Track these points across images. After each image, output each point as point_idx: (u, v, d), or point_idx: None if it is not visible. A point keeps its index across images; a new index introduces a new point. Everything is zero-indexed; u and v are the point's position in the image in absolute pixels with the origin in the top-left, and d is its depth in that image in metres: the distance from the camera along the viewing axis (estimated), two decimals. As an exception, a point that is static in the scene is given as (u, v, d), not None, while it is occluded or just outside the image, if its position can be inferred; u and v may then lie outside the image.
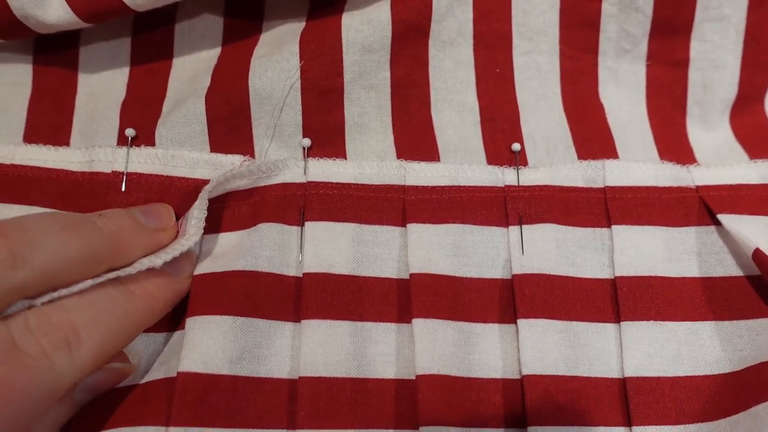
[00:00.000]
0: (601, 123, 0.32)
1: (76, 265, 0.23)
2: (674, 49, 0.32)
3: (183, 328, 0.27)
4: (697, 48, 0.32)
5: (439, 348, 0.26)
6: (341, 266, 0.28)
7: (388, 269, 0.28)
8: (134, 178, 0.29)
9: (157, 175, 0.29)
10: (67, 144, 0.30)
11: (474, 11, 0.32)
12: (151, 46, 0.32)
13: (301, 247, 0.28)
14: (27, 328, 0.21)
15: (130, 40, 0.32)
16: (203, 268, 0.28)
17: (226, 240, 0.28)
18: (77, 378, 0.22)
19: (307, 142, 0.30)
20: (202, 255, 0.28)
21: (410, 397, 0.26)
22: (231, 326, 0.26)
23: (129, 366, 0.26)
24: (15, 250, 0.22)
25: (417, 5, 0.31)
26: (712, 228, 0.29)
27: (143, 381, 0.26)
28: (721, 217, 0.29)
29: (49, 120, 0.31)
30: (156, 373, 0.26)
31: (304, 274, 0.28)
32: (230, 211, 0.29)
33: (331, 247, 0.28)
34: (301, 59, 0.30)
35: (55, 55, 0.32)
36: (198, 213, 0.27)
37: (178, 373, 0.25)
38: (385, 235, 0.29)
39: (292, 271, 0.28)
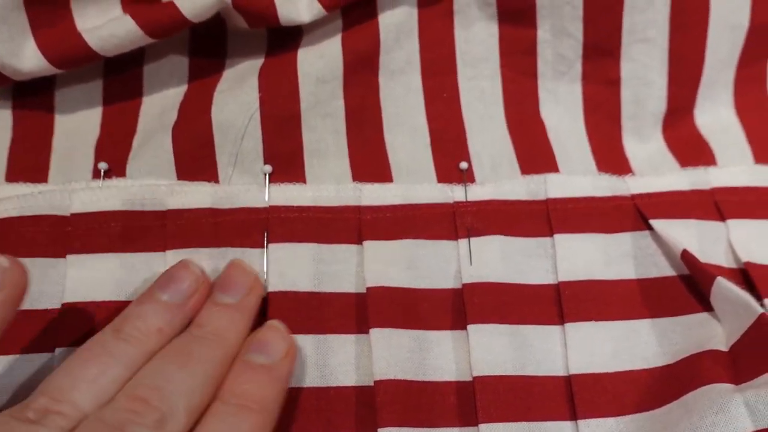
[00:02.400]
0: (543, 140, 0.34)
1: (210, 386, 0.25)
2: (606, 70, 0.34)
3: None
4: (627, 68, 0.34)
5: (395, 354, 0.28)
6: (303, 284, 0.30)
7: (347, 284, 0.30)
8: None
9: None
10: (45, 181, 0.32)
11: (420, 42, 0.34)
12: (122, 87, 0.34)
13: (266, 268, 0.30)
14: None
15: (102, 82, 0.35)
16: None
17: (192, 257, 0.30)
18: None
19: (268, 168, 0.32)
20: None
21: (370, 401, 0.28)
22: None
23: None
24: (163, 410, 0.23)
25: (366, 39, 0.33)
26: (647, 233, 0.32)
27: None
28: (653, 222, 0.31)
29: (29, 160, 0.33)
30: None
31: (269, 293, 0.30)
32: (194, 228, 0.31)
33: (293, 267, 0.30)
34: (260, 91, 0.32)
35: (32, 99, 0.34)
36: None
37: None
38: (343, 253, 0.31)
39: None
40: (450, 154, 0.34)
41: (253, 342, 0.27)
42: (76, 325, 0.29)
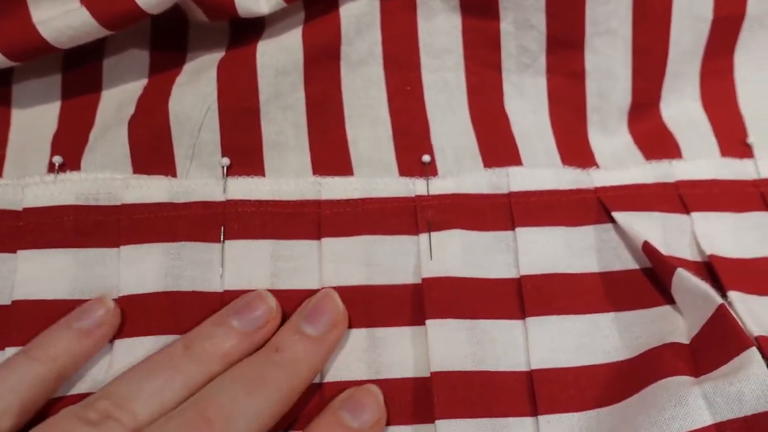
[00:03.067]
0: (506, 132, 0.34)
1: (276, 414, 0.25)
2: (570, 62, 0.34)
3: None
4: (591, 60, 0.34)
5: (348, 354, 0.28)
6: (260, 281, 0.29)
7: (306, 282, 0.30)
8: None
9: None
10: (0, 175, 0.32)
11: (382, 34, 0.34)
12: (81, 80, 0.34)
13: (221, 265, 0.30)
14: None
15: (61, 75, 0.34)
16: (128, 288, 0.29)
17: (146, 252, 0.29)
18: None
19: (225, 161, 0.32)
20: (122, 270, 0.29)
21: (324, 403, 0.27)
22: (155, 346, 0.28)
23: None
24: None
25: (327, 30, 0.33)
26: (610, 225, 0.31)
27: (71, 393, 0.27)
28: (615, 214, 0.31)
29: None
30: (79, 387, 0.27)
31: (224, 291, 0.29)
32: (149, 222, 0.30)
33: (250, 264, 0.30)
34: (218, 83, 0.32)
35: None
36: None
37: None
38: (302, 249, 0.30)
39: (215, 288, 0.29)
40: (412, 147, 0.33)
41: (349, 401, 0.26)
42: (27, 323, 0.28)
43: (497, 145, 0.33)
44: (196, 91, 0.32)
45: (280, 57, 0.32)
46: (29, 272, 0.29)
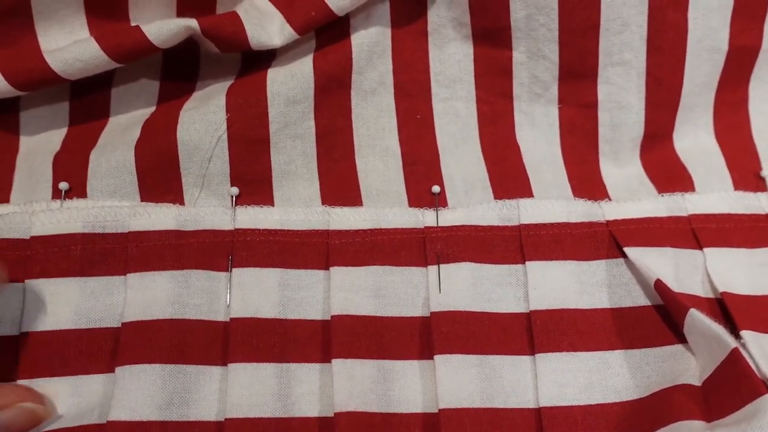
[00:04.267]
0: (517, 163, 0.34)
1: None
2: (583, 93, 0.34)
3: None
4: (603, 91, 0.34)
5: (357, 386, 0.27)
6: (267, 310, 0.29)
7: (313, 312, 0.29)
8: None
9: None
10: (8, 201, 0.32)
11: (393, 62, 0.34)
12: (89, 108, 0.34)
13: (228, 293, 0.29)
14: None
15: (68, 103, 0.34)
16: (132, 314, 0.29)
17: (152, 280, 0.29)
18: None
19: (234, 190, 0.31)
20: (129, 297, 0.29)
21: None
22: (160, 374, 0.28)
23: (43, 408, 0.27)
24: None
25: (338, 59, 0.33)
26: (621, 260, 0.31)
27: (75, 425, 0.27)
28: (627, 249, 0.31)
29: None
30: (89, 417, 0.27)
31: (231, 319, 0.29)
32: (156, 250, 0.30)
33: (257, 293, 0.29)
34: (227, 111, 0.31)
35: None
36: None
37: (108, 422, 0.26)
38: (310, 278, 0.30)
39: (220, 317, 0.29)
40: (422, 177, 0.33)
41: None
42: (36, 354, 0.28)
43: (508, 176, 0.33)
44: (204, 117, 0.32)
45: (291, 85, 0.32)
46: (36, 302, 0.29)
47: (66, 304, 0.29)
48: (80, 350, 0.28)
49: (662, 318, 0.30)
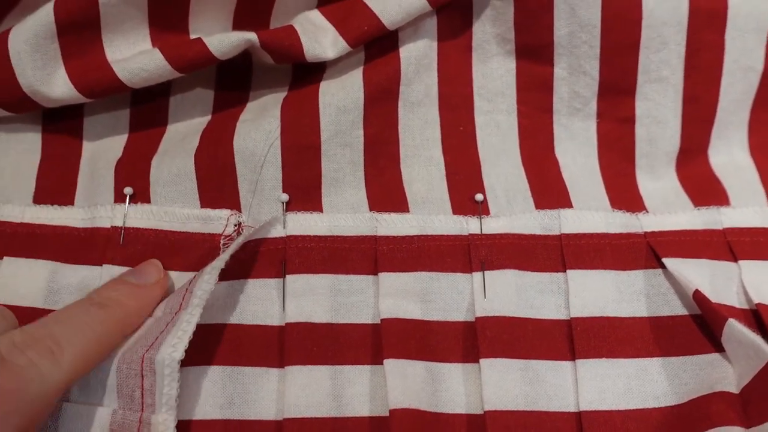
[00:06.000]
0: (557, 175, 0.35)
1: (105, 345, 0.27)
2: (621, 108, 0.35)
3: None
4: (641, 106, 0.35)
5: (409, 384, 0.28)
6: (320, 315, 0.30)
7: (363, 316, 0.31)
8: (131, 233, 0.32)
9: (152, 230, 0.32)
10: (72, 203, 0.33)
11: (439, 75, 0.35)
12: (148, 114, 0.35)
13: (283, 299, 0.31)
14: (13, 344, 0.25)
15: (129, 111, 0.35)
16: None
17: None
18: (64, 381, 0.25)
19: (285, 197, 0.33)
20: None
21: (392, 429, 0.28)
22: (220, 375, 0.29)
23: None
24: (53, 347, 0.25)
25: (387, 71, 0.34)
26: (659, 271, 0.32)
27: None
28: (666, 260, 0.32)
29: (56, 182, 0.33)
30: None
31: (286, 324, 0.30)
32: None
33: (310, 298, 0.31)
34: (281, 120, 0.33)
35: (61, 124, 0.35)
36: (202, 289, 0.28)
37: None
38: (360, 284, 0.31)
39: (275, 322, 0.30)
40: (465, 186, 0.34)
41: (131, 270, 0.30)
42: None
43: (548, 187, 0.34)
44: (259, 127, 0.33)
45: (341, 95, 0.33)
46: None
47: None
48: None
49: (699, 327, 0.31)
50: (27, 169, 0.34)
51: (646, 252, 0.32)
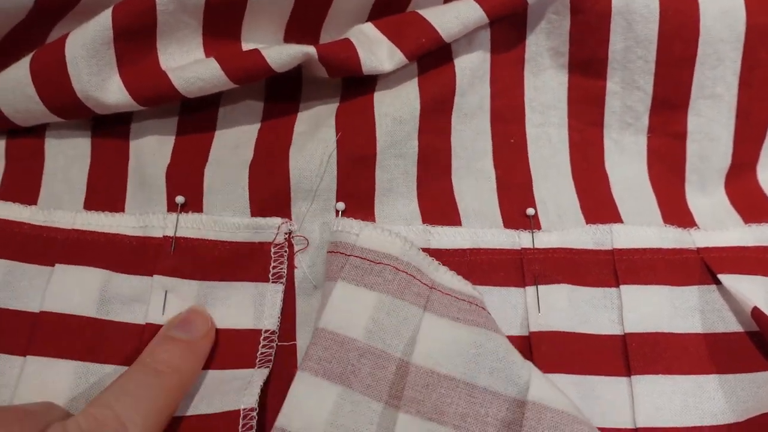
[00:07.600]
0: (606, 189, 0.35)
1: (165, 415, 0.26)
2: (673, 123, 0.35)
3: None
4: (693, 122, 0.35)
5: None
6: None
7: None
8: (182, 243, 0.31)
9: (202, 239, 0.32)
10: (122, 210, 0.33)
11: (491, 87, 0.35)
12: (196, 123, 0.35)
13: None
14: (81, 430, 0.24)
15: (177, 118, 0.35)
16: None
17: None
18: None
19: (341, 205, 0.33)
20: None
21: None
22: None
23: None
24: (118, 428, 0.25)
25: (443, 82, 0.34)
26: (713, 287, 0.32)
27: None
28: (721, 276, 0.32)
29: (106, 188, 0.33)
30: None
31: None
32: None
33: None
34: (337, 132, 0.33)
35: (110, 129, 0.34)
36: None
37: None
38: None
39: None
40: (516, 199, 0.34)
41: (177, 320, 0.29)
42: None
43: (597, 202, 0.34)
44: (316, 137, 0.33)
45: (397, 106, 0.33)
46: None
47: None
48: None
49: (756, 344, 0.31)
50: (77, 175, 0.34)
51: (700, 268, 0.32)
